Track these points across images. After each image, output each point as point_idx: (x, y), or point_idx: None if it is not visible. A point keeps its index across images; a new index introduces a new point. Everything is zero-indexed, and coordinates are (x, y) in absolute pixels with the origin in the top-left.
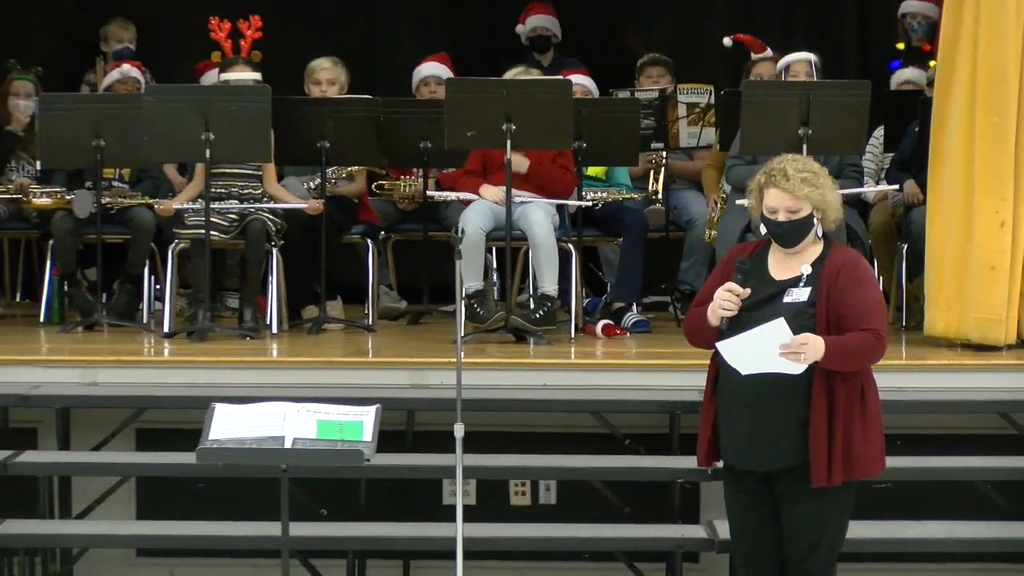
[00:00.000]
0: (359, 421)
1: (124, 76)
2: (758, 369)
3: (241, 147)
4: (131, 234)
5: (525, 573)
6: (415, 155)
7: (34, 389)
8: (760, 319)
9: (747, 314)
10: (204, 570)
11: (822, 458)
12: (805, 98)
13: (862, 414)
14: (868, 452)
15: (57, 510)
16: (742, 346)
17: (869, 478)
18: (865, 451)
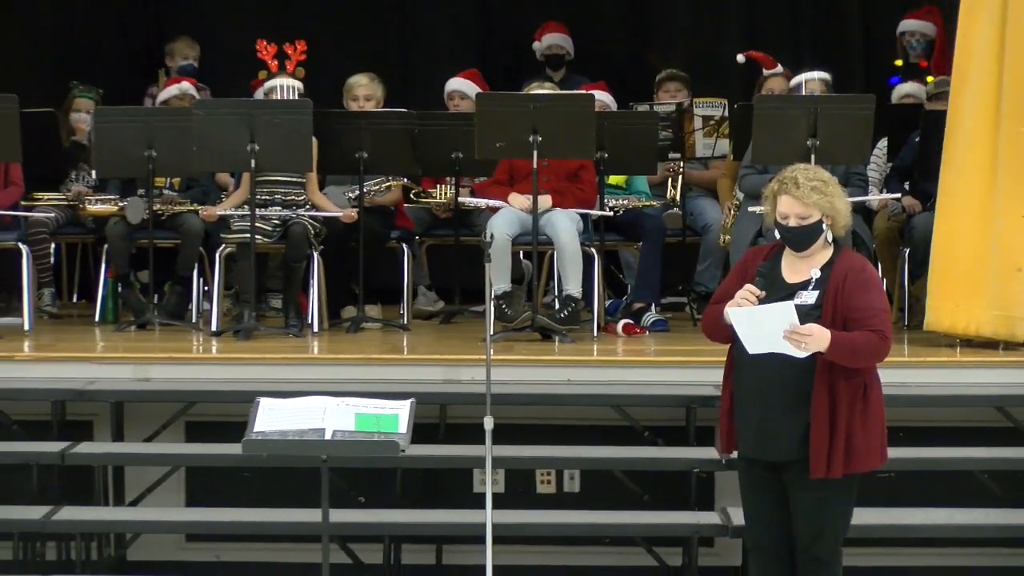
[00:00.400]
0: (395, 414)
1: (182, 92)
2: (764, 349)
3: (284, 157)
4: (180, 239)
5: (551, 557)
6: (447, 165)
7: (90, 384)
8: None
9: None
10: (249, 554)
11: (822, 451)
12: (813, 111)
13: (863, 411)
14: (868, 447)
15: (111, 498)
16: (752, 319)
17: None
18: (865, 446)
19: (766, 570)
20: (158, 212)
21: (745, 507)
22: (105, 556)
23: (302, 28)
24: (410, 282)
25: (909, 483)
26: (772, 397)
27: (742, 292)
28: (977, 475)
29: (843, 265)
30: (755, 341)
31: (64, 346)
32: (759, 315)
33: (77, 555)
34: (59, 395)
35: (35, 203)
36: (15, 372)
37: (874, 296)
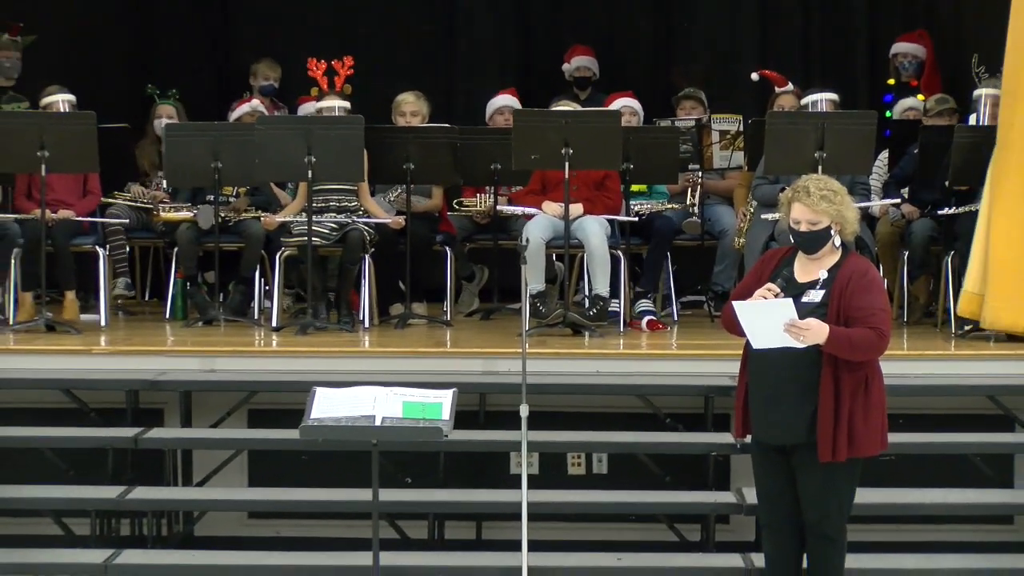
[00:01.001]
0: (439, 402)
1: (253, 110)
2: (767, 344)
3: (338, 168)
4: (244, 242)
5: (580, 533)
6: (486, 175)
7: (160, 375)
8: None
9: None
10: (305, 530)
11: (828, 437)
12: (820, 126)
13: (865, 402)
14: (869, 434)
15: (180, 479)
16: (755, 312)
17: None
18: (866, 433)
19: (777, 545)
20: (225, 218)
21: (758, 488)
22: (174, 532)
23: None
24: (453, 282)
25: (909, 465)
26: (782, 387)
27: (760, 291)
28: (970, 458)
29: (848, 268)
30: (759, 335)
31: (137, 340)
32: (762, 309)
33: (149, 531)
34: (132, 385)
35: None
36: (93, 364)
37: (875, 297)
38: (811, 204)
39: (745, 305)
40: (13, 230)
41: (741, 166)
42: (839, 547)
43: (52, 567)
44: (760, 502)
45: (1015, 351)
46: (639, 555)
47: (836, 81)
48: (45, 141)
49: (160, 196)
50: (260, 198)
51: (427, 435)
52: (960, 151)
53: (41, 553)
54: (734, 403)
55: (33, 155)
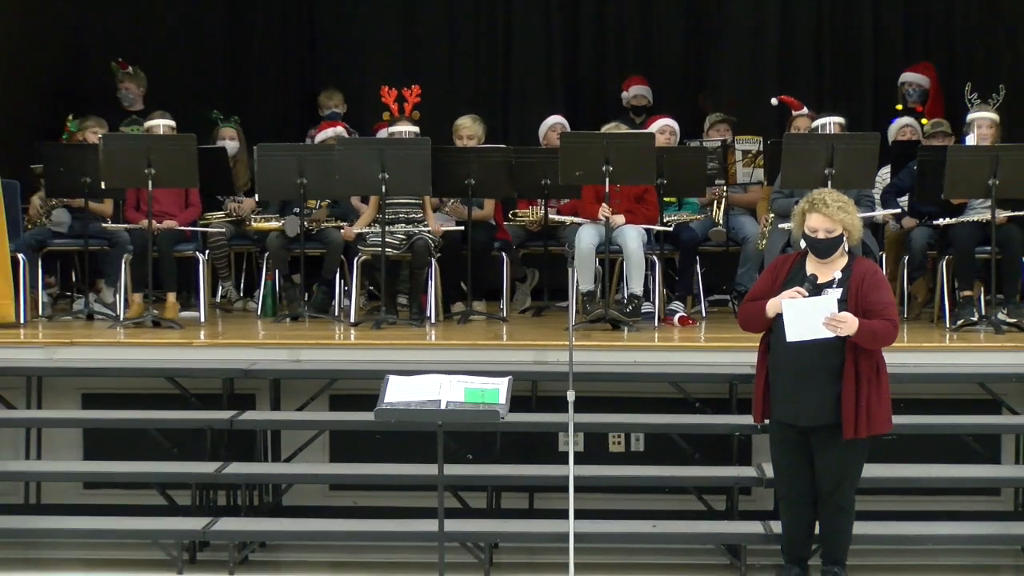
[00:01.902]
0: (496, 389)
1: (336, 135)
2: (803, 336)
3: (407, 183)
4: (326, 249)
5: (620, 503)
6: (538, 189)
7: (253, 365)
8: None
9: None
10: (379, 499)
11: (851, 417)
12: (830, 146)
13: (877, 386)
14: (881, 414)
15: (270, 455)
16: (800, 308)
17: (881, 433)
18: (879, 413)
19: (793, 514)
20: (309, 227)
21: (775, 464)
22: (264, 502)
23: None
24: (509, 283)
25: (909, 444)
26: (809, 375)
27: (790, 292)
28: (963, 438)
29: (860, 268)
30: (796, 328)
31: (232, 334)
32: (807, 305)
33: (242, 501)
34: (228, 373)
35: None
36: (193, 355)
37: (885, 293)
38: (830, 214)
39: (792, 302)
40: (123, 238)
41: (761, 181)
42: (849, 516)
43: (158, 533)
44: (777, 476)
45: (1003, 344)
46: (671, 522)
47: (845, 105)
48: (152, 160)
49: (249, 205)
50: (339, 209)
51: (486, 417)
52: (953, 168)
53: (148, 521)
54: (754, 391)
55: (141, 172)
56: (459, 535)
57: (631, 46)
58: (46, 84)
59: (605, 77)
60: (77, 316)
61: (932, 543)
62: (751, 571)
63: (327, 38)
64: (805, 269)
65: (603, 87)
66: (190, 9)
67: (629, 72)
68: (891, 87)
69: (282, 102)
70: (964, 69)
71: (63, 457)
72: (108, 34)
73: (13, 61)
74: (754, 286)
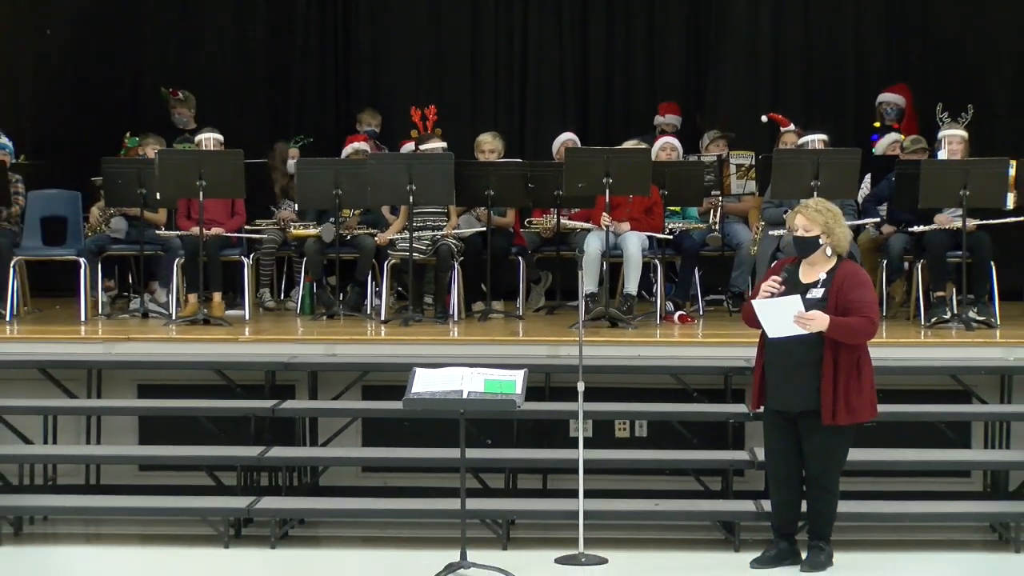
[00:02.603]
0: (513, 380)
1: (355, 150)
2: (780, 333)
3: (433, 194)
4: (359, 253)
5: (625, 483)
6: (551, 199)
7: (293, 358)
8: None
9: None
10: (407, 480)
11: (829, 404)
12: (816, 160)
13: (857, 378)
14: (862, 404)
15: (308, 440)
16: (770, 308)
17: (863, 422)
18: (860, 403)
19: (782, 494)
20: (344, 234)
21: (767, 448)
22: (303, 483)
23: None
24: (525, 285)
25: (888, 431)
26: (794, 367)
27: (767, 282)
28: (937, 425)
29: (843, 271)
30: (773, 326)
31: (274, 331)
32: (775, 305)
33: (283, 482)
34: (270, 366)
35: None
36: (239, 349)
37: (865, 291)
38: (807, 214)
39: (762, 303)
40: (175, 244)
41: (754, 192)
42: (833, 496)
43: (206, 511)
44: (768, 459)
45: (973, 340)
46: (672, 501)
47: (831, 122)
48: (203, 173)
49: (290, 216)
50: (370, 217)
51: (503, 406)
52: (928, 180)
53: (198, 500)
54: (752, 381)
55: (193, 184)
56: (479, 513)
57: (636, 70)
58: (105, 105)
59: (612, 98)
60: (133, 314)
61: (909, 520)
62: (744, 545)
63: (361, 62)
64: (798, 272)
65: (610, 107)
66: (236, 36)
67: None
68: (870, 106)
69: (319, 119)
70: (936, 90)
71: (120, 442)
72: (162, 59)
73: (76, 84)
74: (755, 286)
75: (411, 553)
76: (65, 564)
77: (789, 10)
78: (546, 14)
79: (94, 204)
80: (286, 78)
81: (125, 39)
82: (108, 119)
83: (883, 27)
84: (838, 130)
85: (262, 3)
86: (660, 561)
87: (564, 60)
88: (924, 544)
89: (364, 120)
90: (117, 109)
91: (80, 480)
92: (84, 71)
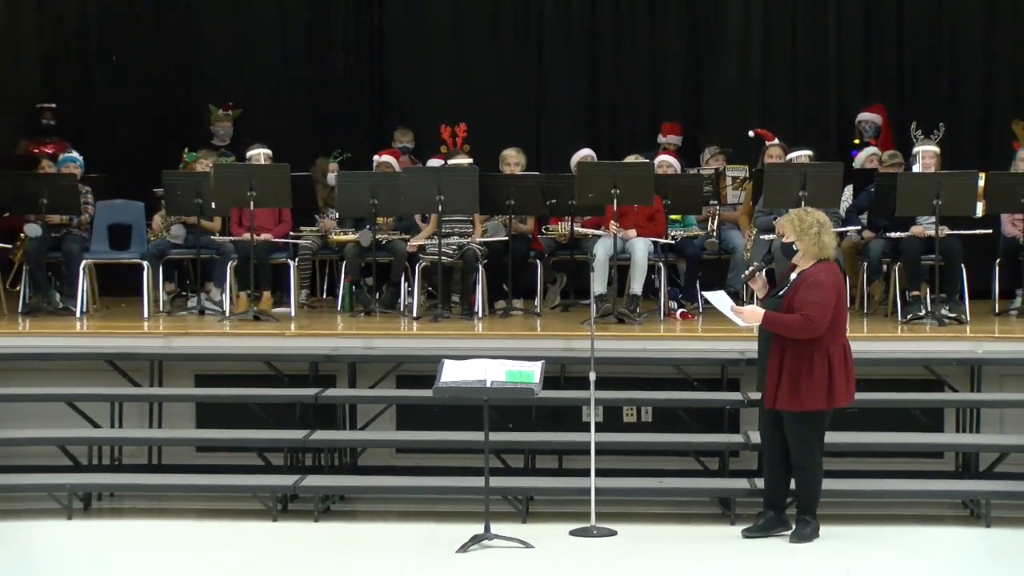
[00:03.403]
0: (531, 370)
1: (379, 163)
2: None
3: (459, 204)
4: (393, 257)
5: (632, 463)
6: (566, 208)
7: (334, 351)
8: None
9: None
10: (436, 460)
11: (771, 391)
12: (803, 173)
13: (809, 369)
14: (812, 393)
15: (347, 424)
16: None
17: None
18: (809, 392)
19: (771, 472)
20: (379, 239)
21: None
22: (343, 462)
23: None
24: (542, 285)
25: (868, 416)
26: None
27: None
28: (913, 411)
29: (807, 272)
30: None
31: (317, 326)
32: (714, 299)
33: (325, 462)
34: (314, 358)
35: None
36: (285, 343)
37: (812, 292)
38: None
39: (705, 294)
40: (228, 248)
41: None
42: (812, 474)
43: (256, 488)
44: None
45: (945, 334)
46: (674, 479)
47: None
48: (253, 185)
49: (329, 225)
50: (404, 223)
51: (523, 393)
52: (904, 192)
53: (248, 478)
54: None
55: (244, 194)
56: (501, 490)
57: (641, 92)
58: (165, 124)
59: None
60: (191, 312)
61: (889, 497)
62: (739, 519)
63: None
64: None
65: (618, 126)
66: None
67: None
68: (850, 124)
69: (356, 135)
70: (910, 110)
71: (179, 426)
72: (214, 82)
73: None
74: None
75: (440, 526)
76: (130, 536)
77: (777, 40)
78: (560, 44)
79: (156, 213)
80: (326, 98)
81: (182, 64)
82: (167, 136)
83: (862, 54)
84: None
85: (305, 30)
86: (663, 532)
87: (576, 84)
88: (902, 519)
89: (397, 137)
90: (175, 127)
91: (143, 460)
92: (146, 93)
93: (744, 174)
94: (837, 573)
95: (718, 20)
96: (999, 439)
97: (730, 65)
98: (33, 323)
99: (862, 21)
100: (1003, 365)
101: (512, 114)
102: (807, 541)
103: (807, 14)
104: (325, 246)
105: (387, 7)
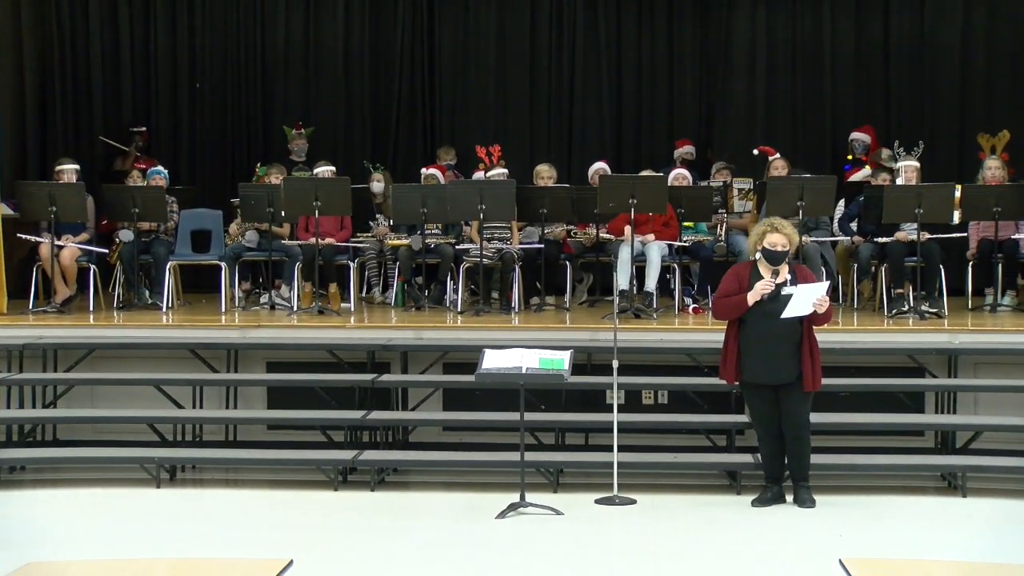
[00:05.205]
0: (562, 358)
1: (426, 175)
2: (796, 313)
3: (499, 212)
4: (440, 258)
5: (650, 440)
6: (591, 216)
7: (389, 341)
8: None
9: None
10: (478, 437)
11: (809, 375)
12: (801, 185)
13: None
14: (820, 373)
15: (400, 405)
16: (804, 290)
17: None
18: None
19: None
20: (427, 242)
21: (753, 413)
22: (397, 439)
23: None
24: (572, 284)
25: (857, 399)
26: (779, 345)
27: (764, 282)
28: (897, 394)
29: (801, 271)
30: (796, 308)
31: (374, 320)
32: (808, 289)
33: (380, 439)
34: (371, 347)
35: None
36: (346, 334)
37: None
38: (787, 234)
39: (801, 286)
40: (296, 251)
41: (752, 211)
42: (807, 445)
43: (320, 461)
44: (756, 423)
45: (925, 327)
46: (687, 454)
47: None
48: (318, 195)
49: (382, 231)
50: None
51: (554, 379)
52: (889, 201)
53: (313, 453)
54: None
55: (310, 204)
56: (535, 463)
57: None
58: (241, 141)
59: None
60: (262, 307)
61: (874, 471)
62: (744, 490)
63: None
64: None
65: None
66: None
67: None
68: (843, 142)
69: (409, 152)
70: (895, 130)
71: (252, 407)
72: (286, 104)
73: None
74: (721, 288)
75: (481, 495)
76: (210, 503)
77: (780, 69)
78: (589, 71)
79: (232, 220)
80: (385, 120)
81: (258, 89)
82: (243, 152)
83: (853, 82)
84: (818, 161)
85: (366, 60)
86: (677, 502)
87: (602, 105)
88: (888, 489)
89: (440, 156)
90: (250, 144)
91: (221, 437)
92: (225, 115)
93: (749, 186)
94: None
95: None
96: (974, 419)
97: (737, 91)
98: (126, 317)
99: (853, 53)
100: (977, 354)
101: (546, 133)
102: (811, 506)
103: (805, 47)
104: (381, 251)
105: (438, 41)
